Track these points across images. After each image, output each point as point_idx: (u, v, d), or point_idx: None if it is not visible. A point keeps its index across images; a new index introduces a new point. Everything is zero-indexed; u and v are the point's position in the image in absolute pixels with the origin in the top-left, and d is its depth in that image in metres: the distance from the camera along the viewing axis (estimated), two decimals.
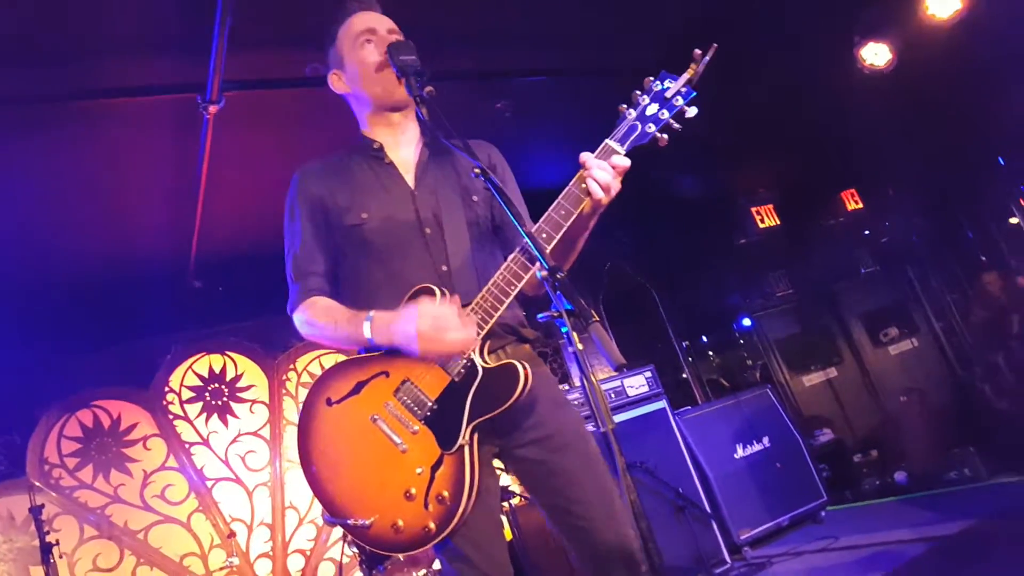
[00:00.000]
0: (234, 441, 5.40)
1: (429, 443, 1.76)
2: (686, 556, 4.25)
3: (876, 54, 4.78)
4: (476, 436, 1.76)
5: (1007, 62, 5.37)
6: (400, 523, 1.74)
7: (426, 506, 1.73)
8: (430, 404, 1.77)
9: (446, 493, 1.72)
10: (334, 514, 1.81)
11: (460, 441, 1.73)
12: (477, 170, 1.71)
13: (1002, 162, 7.17)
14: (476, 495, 1.73)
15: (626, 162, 1.74)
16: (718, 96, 4.42)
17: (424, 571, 4.08)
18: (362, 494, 1.79)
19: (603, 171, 1.71)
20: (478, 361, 1.77)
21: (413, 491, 1.74)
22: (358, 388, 1.84)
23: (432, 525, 1.72)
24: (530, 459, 1.86)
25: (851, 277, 7.39)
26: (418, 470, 1.75)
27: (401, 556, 3.89)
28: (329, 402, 1.87)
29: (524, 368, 1.74)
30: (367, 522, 1.76)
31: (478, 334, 1.74)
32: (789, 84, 5.16)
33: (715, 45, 1.68)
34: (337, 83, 2.08)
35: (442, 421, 1.76)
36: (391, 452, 1.78)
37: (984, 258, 7.36)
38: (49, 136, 3.60)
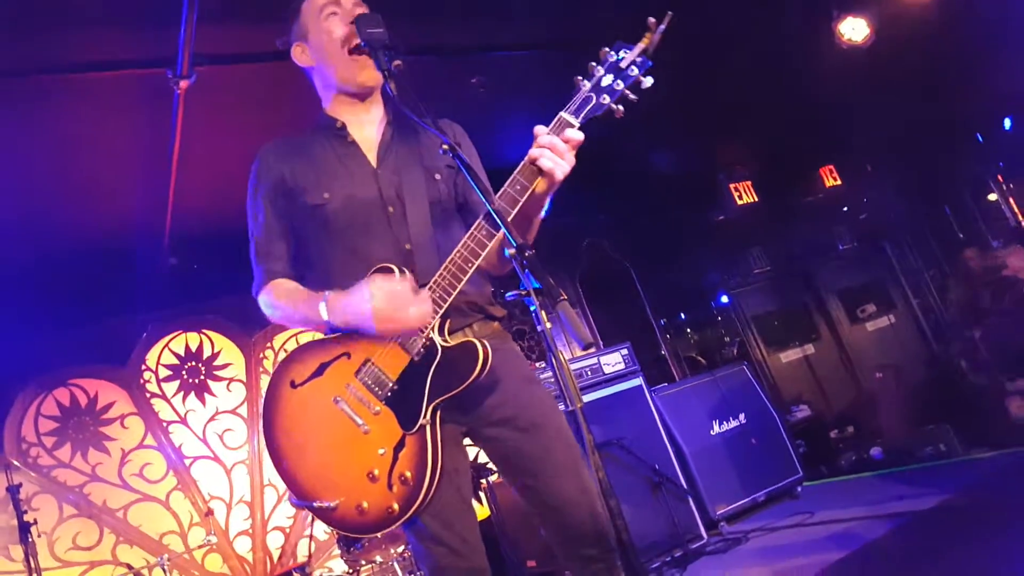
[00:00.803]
0: (212, 419, 5.39)
1: (391, 424, 1.75)
2: (662, 532, 4.29)
3: (854, 29, 4.76)
4: (438, 415, 1.76)
5: (985, 38, 5.39)
6: (364, 504, 1.74)
7: (389, 487, 1.73)
8: (391, 384, 1.76)
9: (409, 473, 1.72)
10: (300, 496, 1.82)
11: (421, 421, 1.73)
12: (445, 146, 1.68)
13: (980, 139, 7.22)
14: (440, 475, 1.73)
15: (579, 136, 1.71)
16: (693, 68, 4.42)
17: (403, 547, 4.11)
18: (326, 476, 1.79)
19: (548, 149, 1.68)
20: (437, 340, 1.76)
21: (376, 472, 1.74)
22: (321, 370, 1.84)
23: (396, 506, 1.72)
24: (498, 438, 1.86)
25: (829, 253, 7.44)
26: (380, 451, 1.74)
27: (379, 536, 3.91)
28: (293, 384, 1.86)
29: (484, 347, 1.74)
30: (332, 504, 1.76)
31: (436, 311, 1.73)
32: (767, 59, 5.13)
33: (670, 13, 1.65)
34: (300, 56, 2.04)
35: (403, 401, 1.75)
36: (354, 433, 1.77)
37: (962, 235, 7.43)
38: (16, 111, 3.53)
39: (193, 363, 5.48)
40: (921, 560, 3.25)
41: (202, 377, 5.47)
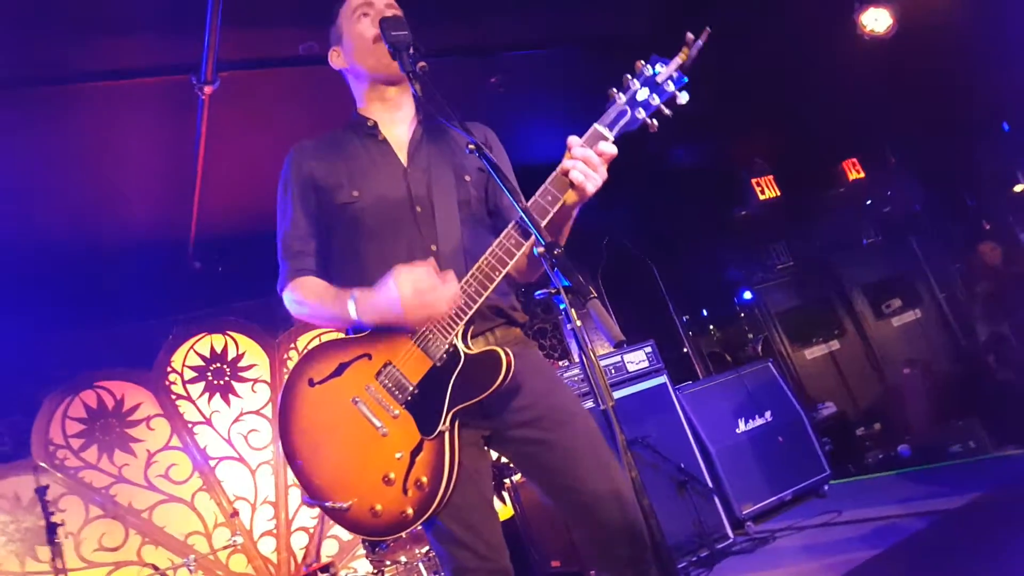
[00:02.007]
0: (236, 420, 5.43)
1: (409, 428, 1.74)
2: (688, 531, 4.26)
3: (876, 20, 4.70)
4: (457, 422, 1.74)
5: (1011, 26, 5.29)
6: (378, 507, 1.73)
7: (405, 491, 1.71)
8: (411, 388, 1.75)
9: (425, 479, 1.71)
10: (313, 496, 1.81)
11: (440, 427, 1.71)
12: (472, 146, 1.68)
13: (1007, 128, 7.09)
14: (456, 481, 1.72)
15: (613, 149, 1.69)
16: (715, 63, 4.39)
17: (428, 548, 4.11)
18: (341, 477, 1.78)
19: (582, 162, 1.66)
20: (460, 346, 1.74)
21: (392, 476, 1.73)
22: (340, 370, 1.83)
23: (410, 511, 1.71)
24: (524, 439, 1.84)
25: (853, 248, 7.34)
26: (397, 455, 1.73)
27: (404, 535, 3.92)
28: (311, 383, 1.85)
29: (507, 355, 1.71)
30: (345, 505, 1.75)
31: (461, 318, 1.72)
32: (788, 52, 5.08)
33: (708, 29, 1.63)
34: (336, 59, 2.07)
35: (423, 406, 1.74)
36: (371, 435, 1.76)
37: (988, 227, 7.31)
38: (45, 119, 3.59)
39: (218, 364, 5.52)
40: (953, 559, 3.19)
41: (227, 378, 5.51)
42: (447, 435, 1.72)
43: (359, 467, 1.76)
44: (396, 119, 2.03)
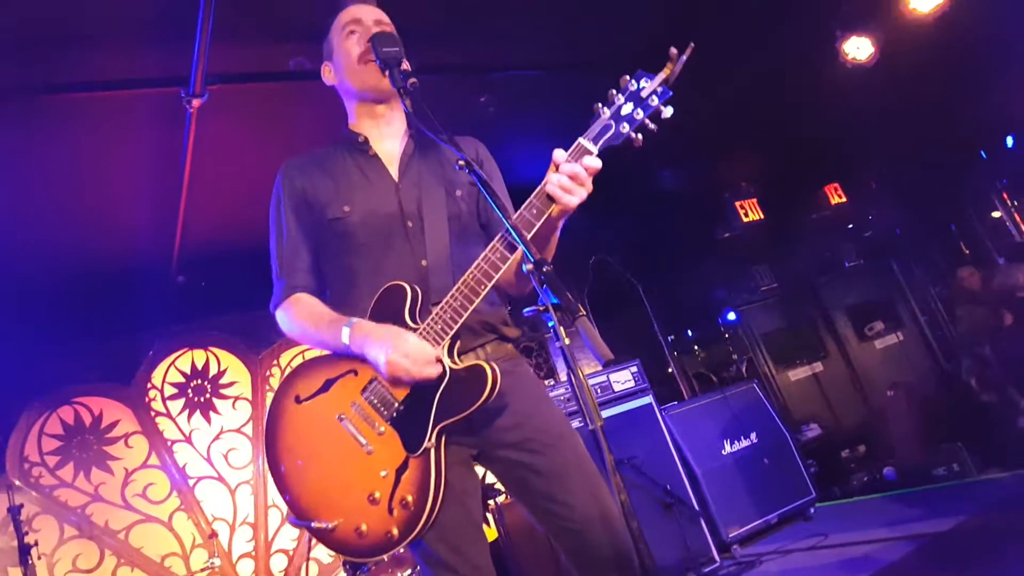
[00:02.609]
0: (216, 438, 5.35)
1: (395, 445, 1.72)
2: (675, 555, 4.24)
3: (858, 48, 4.78)
4: (444, 439, 1.72)
5: (989, 56, 5.41)
6: (363, 527, 1.70)
7: (390, 511, 1.69)
8: (396, 405, 1.73)
9: (410, 498, 1.68)
10: (299, 515, 1.78)
11: (425, 444, 1.69)
12: (461, 162, 1.67)
13: (984, 155, 7.22)
14: (442, 501, 1.69)
15: (597, 163, 1.68)
16: (701, 90, 4.44)
17: (409, 571, 4.05)
18: (327, 496, 1.75)
19: (567, 178, 1.66)
20: (447, 362, 1.72)
21: (377, 495, 1.70)
22: (327, 386, 1.81)
23: (395, 531, 1.68)
24: (512, 461, 1.82)
25: (835, 271, 7.43)
26: (383, 473, 1.71)
27: (385, 557, 3.86)
28: (297, 399, 1.84)
29: (492, 370, 1.70)
30: (330, 525, 1.72)
31: (447, 332, 1.71)
32: (772, 78, 5.16)
33: (692, 44, 1.63)
34: (327, 75, 2.08)
35: (409, 423, 1.72)
36: (356, 453, 1.74)
37: (967, 251, 7.42)
38: (28, 130, 3.54)
39: (199, 381, 5.44)
40: None
41: (208, 395, 5.43)
42: (433, 452, 1.70)
43: (344, 486, 1.73)
44: (386, 134, 2.03)
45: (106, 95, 3.46)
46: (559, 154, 1.70)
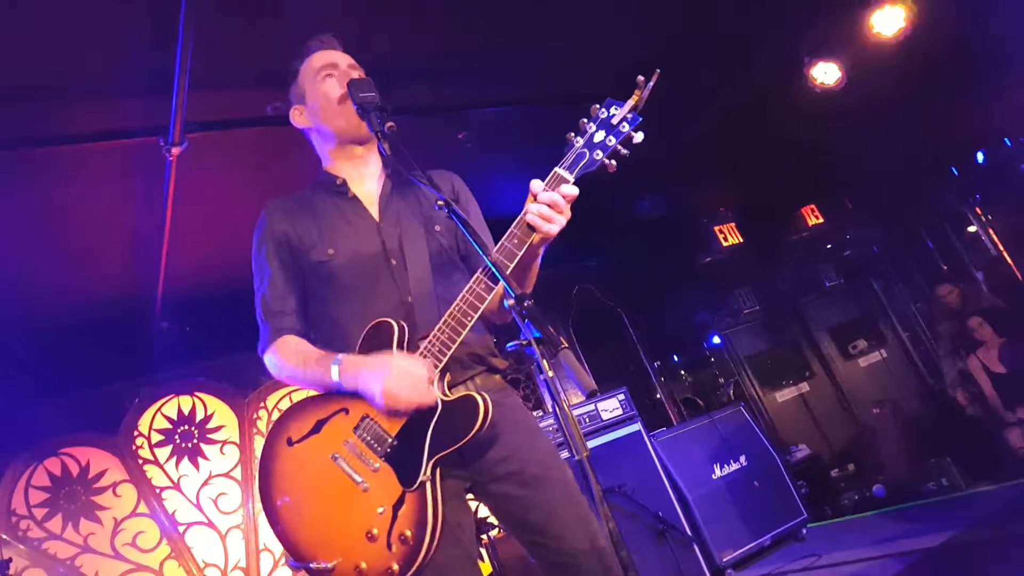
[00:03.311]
0: (205, 484, 5.29)
1: (390, 481, 1.73)
2: None
3: (826, 73, 4.89)
4: (439, 471, 1.73)
5: (954, 75, 5.55)
6: (363, 565, 1.70)
7: (389, 547, 1.69)
8: (390, 440, 1.75)
9: (408, 532, 1.69)
10: (297, 558, 1.77)
11: (421, 477, 1.70)
12: (440, 202, 1.72)
13: (956, 172, 7.37)
14: (440, 533, 1.70)
15: (574, 190, 1.74)
16: (674, 117, 4.53)
17: None
18: (324, 536, 1.75)
19: (546, 206, 1.71)
20: (438, 394, 1.75)
21: (375, 531, 1.70)
22: (318, 427, 1.82)
23: (395, 566, 1.68)
24: (504, 494, 1.84)
25: (816, 291, 7.51)
26: (380, 509, 1.71)
27: None
28: (290, 442, 1.85)
29: (484, 400, 1.73)
30: (330, 565, 1.72)
31: (436, 366, 1.73)
32: (744, 105, 5.27)
33: (658, 71, 1.70)
34: (299, 118, 2.10)
35: (403, 457, 1.73)
36: (352, 491, 1.75)
37: (945, 267, 7.52)
38: (8, 181, 3.55)
39: (186, 427, 5.40)
40: None
41: (195, 441, 5.38)
42: (429, 486, 1.71)
43: (342, 525, 1.74)
44: (364, 175, 2.07)
45: (86, 147, 3.48)
46: (536, 184, 1.75)
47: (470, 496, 1.93)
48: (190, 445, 5.35)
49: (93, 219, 4.10)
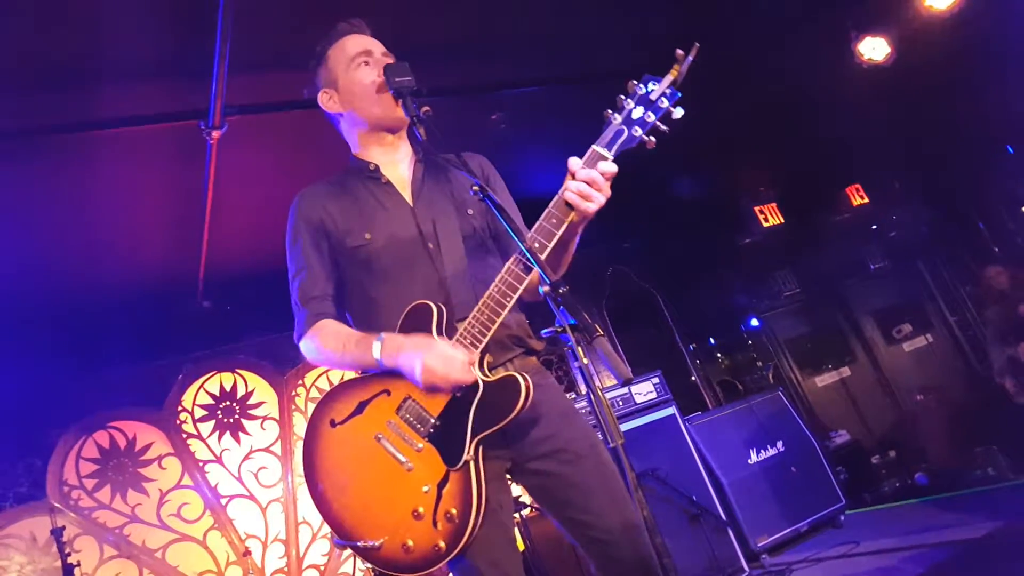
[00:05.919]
0: (247, 458, 5.43)
1: (434, 460, 1.76)
2: (702, 565, 4.21)
3: (874, 48, 4.74)
4: (481, 451, 1.76)
5: (1009, 49, 5.33)
6: (410, 543, 1.73)
7: (435, 524, 1.72)
8: (432, 421, 1.77)
9: (454, 510, 1.72)
10: (343, 536, 1.81)
11: (465, 457, 1.73)
12: (476, 187, 1.72)
13: (1011, 150, 7.10)
14: (485, 511, 1.72)
15: (613, 168, 1.71)
16: (715, 95, 4.44)
17: None
18: (370, 515, 1.79)
19: (585, 184, 1.70)
20: (478, 375, 1.76)
21: (421, 510, 1.74)
22: (360, 408, 1.85)
23: (442, 544, 1.71)
24: (544, 472, 1.85)
25: (860, 274, 7.32)
26: (424, 488, 1.74)
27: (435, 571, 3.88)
28: (332, 423, 1.88)
29: (525, 380, 1.74)
30: (376, 543, 1.75)
31: (476, 347, 1.75)
32: (787, 80, 5.13)
33: (697, 44, 1.65)
34: (328, 102, 2.10)
35: (446, 437, 1.76)
36: (396, 471, 1.78)
37: (996, 249, 7.27)
38: (54, 166, 3.64)
39: (228, 403, 5.54)
40: None
41: (236, 416, 5.52)
42: (472, 465, 1.73)
43: (387, 504, 1.77)
44: (395, 160, 2.08)
45: (128, 130, 3.55)
46: (574, 162, 1.73)
47: (508, 477, 1.95)
48: (232, 420, 5.49)
49: (137, 200, 4.19)
